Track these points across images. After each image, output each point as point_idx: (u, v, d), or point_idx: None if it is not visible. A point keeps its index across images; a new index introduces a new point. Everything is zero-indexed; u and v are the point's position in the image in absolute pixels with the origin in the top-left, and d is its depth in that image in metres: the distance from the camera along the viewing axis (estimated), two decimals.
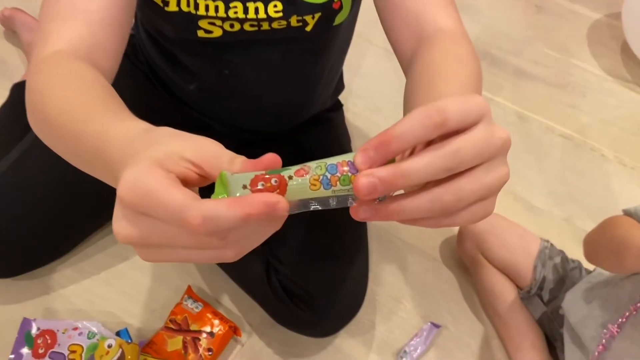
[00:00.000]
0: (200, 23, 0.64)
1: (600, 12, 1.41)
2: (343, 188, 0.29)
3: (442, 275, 0.97)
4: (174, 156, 0.29)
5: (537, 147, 1.14)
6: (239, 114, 0.83)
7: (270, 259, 0.81)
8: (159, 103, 0.86)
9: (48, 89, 0.45)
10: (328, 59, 0.77)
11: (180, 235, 0.28)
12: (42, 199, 0.82)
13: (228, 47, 0.68)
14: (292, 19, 0.63)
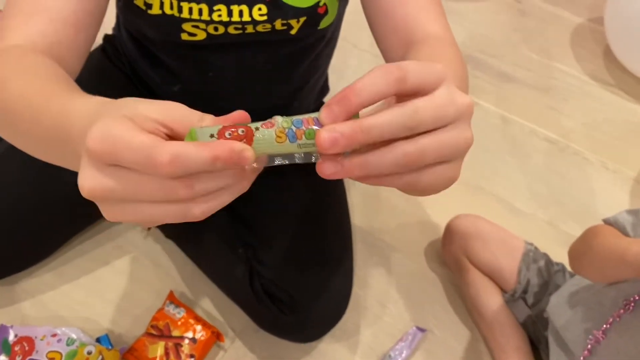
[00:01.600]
0: (183, 26, 0.63)
1: (582, 16, 1.43)
2: (308, 142, 0.30)
3: (428, 279, 0.96)
4: (142, 117, 0.29)
5: (520, 150, 1.15)
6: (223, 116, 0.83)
7: (253, 262, 0.80)
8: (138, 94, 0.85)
9: (3, 77, 0.44)
10: (313, 61, 0.76)
11: (146, 183, 0.28)
12: (18, 203, 0.80)
13: (212, 49, 0.67)
14: (276, 22, 0.62)
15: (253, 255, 0.81)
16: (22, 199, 0.80)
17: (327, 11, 0.65)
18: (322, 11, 0.64)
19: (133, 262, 0.94)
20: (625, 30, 1.22)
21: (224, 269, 0.84)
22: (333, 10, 0.65)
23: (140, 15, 0.64)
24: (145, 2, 0.62)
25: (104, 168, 0.29)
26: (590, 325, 0.70)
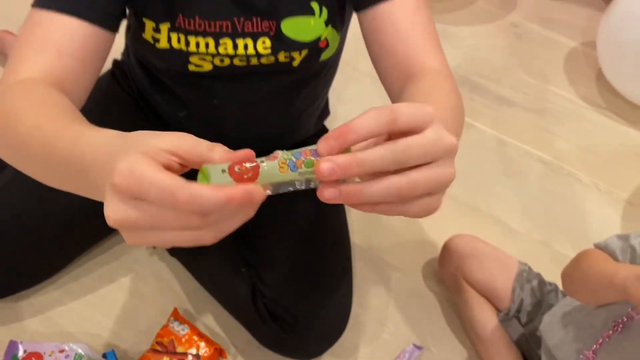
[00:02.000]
0: (191, 59, 0.66)
1: (576, 41, 1.47)
2: (307, 170, 0.34)
3: (425, 298, 0.99)
4: (156, 149, 0.33)
5: (516, 172, 1.18)
6: (227, 141, 0.85)
7: (256, 282, 0.83)
8: (148, 125, 0.88)
9: (17, 110, 0.47)
10: (313, 90, 0.80)
11: (166, 215, 0.32)
12: (28, 221, 0.83)
13: (218, 79, 0.71)
14: (279, 55, 0.66)
15: (256, 275, 0.84)
16: (31, 217, 0.83)
17: (328, 45, 0.68)
18: (324, 45, 0.68)
19: (138, 280, 0.97)
20: (617, 55, 1.25)
21: (227, 288, 0.87)
22: (334, 43, 0.69)
23: (149, 48, 0.67)
24: (153, 36, 0.65)
25: (128, 201, 0.32)
26: (582, 346, 0.73)
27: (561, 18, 1.53)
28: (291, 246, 0.85)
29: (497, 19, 1.50)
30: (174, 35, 0.65)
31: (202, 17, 0.64)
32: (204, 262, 0.91)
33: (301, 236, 0.86)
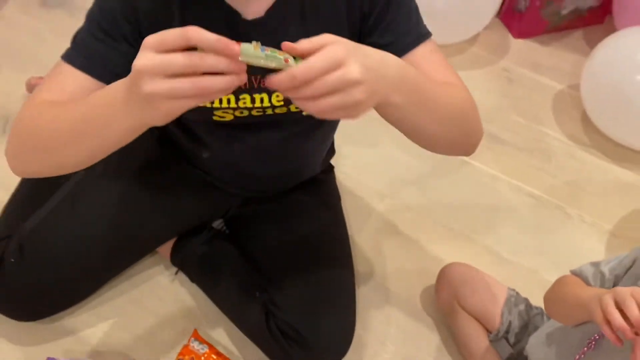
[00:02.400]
0: (215, 112, 0.78)
1: (563, 84, 1.57)
2: (270, 55, 0.51)
3: (423, 321, 1.08)
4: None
5: (508, 205, 1.28)
6: (244, 178, 0.97)
7: (268, 305, 0.93)
8: (175, 164, 0.99)
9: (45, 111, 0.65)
10: (320, 135, 0.91)
11: (178, 57, 0.48)
12: (74, 250, 0.93)
13: (238, 127, 0.82)
14: (291, 106, 0.77)
15: (268, 299, 0.94)
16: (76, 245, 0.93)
17: None
18: None
19: (162, 304, 1.07)
20: (599, 98, 1.36)
21: (243, 311, 0.96)
22: None
23: None
24: None
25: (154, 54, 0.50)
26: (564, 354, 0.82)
27: (549, 63, 1.63)
28: (298, 271, 0.95)
29: (490, 65, 1.62)
30: None
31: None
32: (222, 288, 1.01)
33: (307, 262, 0.96)
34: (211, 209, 1.04)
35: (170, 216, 1.01)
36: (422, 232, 1.21)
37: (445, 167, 1.34)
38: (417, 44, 0.72)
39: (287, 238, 0.99)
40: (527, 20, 1.64)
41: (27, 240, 0.94)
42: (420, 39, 0.73)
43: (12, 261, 0.93)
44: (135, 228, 0.98)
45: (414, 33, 0.73)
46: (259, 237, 1.01)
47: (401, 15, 0.73)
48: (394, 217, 1.24)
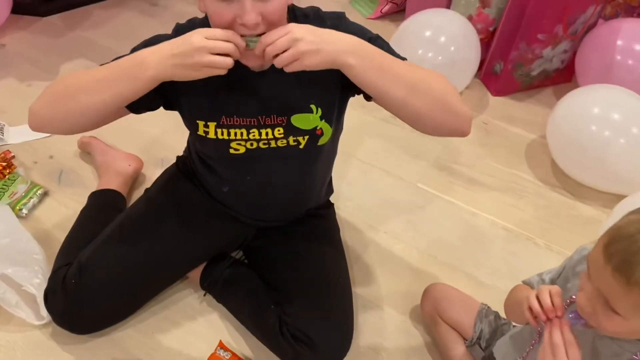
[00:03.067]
0: (231, 144, 1.01)
1: (535, 134, 1.79)
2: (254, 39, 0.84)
3: (411, 333, 1.26)
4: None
5: (484, 237, 1.48)
6: (256, 208, 1.20)
7: (281, 314, 1.13)
8: (202, 199, 1.22)
9: (76, 75, 0.94)
10: (317, 167, 1.13)
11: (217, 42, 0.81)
12: (124, 274, 1.15)
13: (249, 160, 1.04)
14: (289, 139, 1.00)
15: (281, 310, 1.14)
16: (126, 270, 1.15)
17: (323, 133, 1.02)
18: (320, 132, 1.02)
19: (192, 320, 1.27)
20: (562, 145, 1.58)
21: (260, 321, 1.16)
22: (327, 132, 1.02)
23: (202, 139, 1.02)
24: (204, 130, 1.00)
25: (204, 39, 0.82)
26: (517, 355, 1.00)
27: (522, 116, 1.85)
28: (305, 288, 1.15)
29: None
30: (219, 130, 0.99)
31: (238, 116, 0.99)
32: (243, 303, 1.22)
33: (312, 281, 1.16)
34: (232, 238, 1.26)
35: (199, 244, 1.23)
36: (411, 260, 1.42)
37: (431, 206, 1.56)
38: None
39: (295, 263, 1.20)
40: (502, 80, 1.89)
41: (84, 264, 1.16)
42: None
43: (73, 282, 1.15)
44: (170, 254, 1.20)
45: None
46: (272, 262, 1.23)
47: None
48: (386, 248, 1.44)
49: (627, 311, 0.68)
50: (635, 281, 0.65)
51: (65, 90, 0.94)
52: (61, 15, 2.26)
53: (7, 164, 1.55)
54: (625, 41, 1.71)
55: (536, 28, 1.72)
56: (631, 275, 0.65)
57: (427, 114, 0.91)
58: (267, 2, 0.83)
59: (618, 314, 0.69)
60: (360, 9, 2.39)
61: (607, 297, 0.70)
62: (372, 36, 0.97)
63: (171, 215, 1.22)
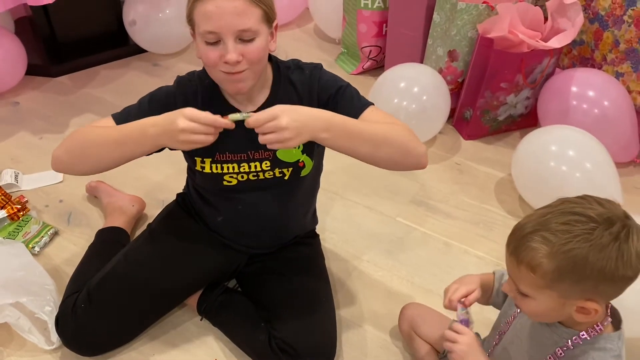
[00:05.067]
0: (224, 177, 1.17)
1: (504, 173, 1.95)
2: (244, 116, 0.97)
3: (390, 349, 1.37)
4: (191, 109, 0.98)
5: (458, 265, 1.61)
6: (248, 236, 1.34)
7: (270, 330, 1.25)
8: (199, 231, 1.36)
9: (92, 130, 1.10)
10: (300, 198, 1.28)
11: (200, 126, 0.96)
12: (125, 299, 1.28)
13: (240, 191, 1.20)
14: (275, 170, 1.16)
15: (270, 326, 1.26)
16: (134, 296, 1.28)
17: (304, 165, 1.18)
18: (302, 165, 1.18)
19: (190, 342, 1.38)
20: (525, 180, 1.74)
21: (251, 337, 1.28)
22: (309, 165, 1.19)
23: (199, 174, 1.19)
24: (201, 166, 1.17)
25: (189, 121, 0.97)
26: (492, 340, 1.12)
27: (491, 157, 2.02)
28: (292, 307, 1.27)
29: (445, 160, 2.01)
30: (214, 165, 1.16)
31: (229, 152, 1.16)
32: (236, 323, 1.34)
33: (298, 301, 1.29)
34: (226, 266, 1.40)
35: (196, 272, 1.37)
36: (391, 285, 1.55)
37: (409, 237, 1.70)
38: (364, 109, 1.12)
39: (283, 285, 1.34)
40: (472, 126, 2.08)
41: (93, 291, 1.29)
42: (364, 106, 1.13)
43: (82, 307, 1.27)
44: (171, 281, 1.33)
45: (358, 105, 1.14)
46: (262, 285, 1.36)
47: (346, 97, 1.14)
48: (368, 275, 1.58)
49: (530, 291, 0.83)
50: (521, 260, 0.81)
51: (82, 144, 1.11)
52: (70, 75, 2.47)
53: (21, 206, 1.70)
54: (579, 88, 1.91)
55: (499, 78, 1.93)
56: (519, 256, 0.81)
57: (389, 160, 1.09)
58: (248, 45, 1.01)
59: (527, 296, 0.84)
60: (344, 65, 2.61)
61: (514, 281, 0.85)
62: (343, 84, 1.16)
63: (171, 246, 1.36)
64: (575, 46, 2.16)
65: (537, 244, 0.80)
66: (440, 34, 2.04)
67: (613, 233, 0.78)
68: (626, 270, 0.80)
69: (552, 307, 0.85)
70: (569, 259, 0.78)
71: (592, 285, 0.81)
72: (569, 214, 0.80)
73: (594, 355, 0.86)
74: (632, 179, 1.95)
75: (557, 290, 0.82)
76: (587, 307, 0.83)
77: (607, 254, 0.78)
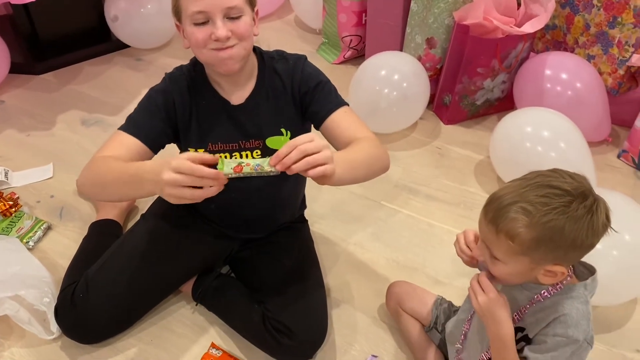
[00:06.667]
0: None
1: (482, 155, 2.02)
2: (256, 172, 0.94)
3: (379, 325, 1.44)
4: (182, 158, 0.90)
5: (440, 243, 1.68)
6: (240, 222, 1.39)
7: (264, 311, 1.31)
8: (192, 219, 1.41)
9: (104, 164, 1.09)
10: (291, 185, 1.34)
11: (191, 179, 0.86)
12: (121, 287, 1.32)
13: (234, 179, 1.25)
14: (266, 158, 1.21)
15: (264, 307, 1.32)
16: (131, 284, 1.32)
17: None
18: None
19: (186, 328, 1.43)
20: (502, 161, 1.82)
21: (246, 318, 1.33)
22: None
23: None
24: None
25: (176, 174, 0.88)
26: (460, 329, 1.19)
27: (471, 140, 2.09)
28: (285, 288, 1.33)
29: (426, 145, 2.08)
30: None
31: (222, 142, 1.21)
32: (231, 306, 1.39)
33: (290, 282, 1.34)
34: (220, 251, 1.45)
35: (191, 259, 1.42)
36: (377, 266, 1.61)
37: (394, 219, 1.77)
38: (336, 109, 1.19)
39: (275, 268, 1.39)
40: (451, 110, 2.15)
41: (91, 281, 1.33)
42: (338, 106, 1.19)
43: (81, 296, 1.32)
44: (167, 269, 1.38)
45: (334, 102, 1.20)
46: (255, 269, 1.41)
47: (324, 93, 1.20)
48: (356, 257, 1.64)
49: (503, 256, 0.90)
50: (500, 229, 0.87)
51: (97, 178, 1.12)
52: (54, 72, 2.49)
53: (13, 202, 1.73)
54: (553, 71, 1.98)
55: (475, 63, 1.99)
56: (498, 225, 0.87)
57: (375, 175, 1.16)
58: (235, 22, 1.06)
59: (499, 260, 0.91)
60: (325, 55, 2.66)
61: (489, 246, 0.92)
62: (324, 80, 1.22)
63: (166, 234, 1.41)
64: (548, 30, 2.24)
65: (516, 215, 0.86)
66: (418, 22, 2.10)
67: (587, 206, 0.85)
68: (593, 239, 0.88)
69: (521, 271, 0.92)
70: (547, 229, 0.85)
71: (563, 253, 0.89)
72: (547, 187, 0.87)
73: (563, 303, 0.94)
74: (605, 156, 2.04)
75: (531, 257, 0.89)
76: (553, 271, 0.90)
77: (580, 225, 0.85)
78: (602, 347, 1.39)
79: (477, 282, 0.99)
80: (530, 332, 0.99)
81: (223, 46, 1.07)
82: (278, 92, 1.21)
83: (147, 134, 1.16)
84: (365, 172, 1.12)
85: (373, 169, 1.14)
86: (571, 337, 0.92)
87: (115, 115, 2.23)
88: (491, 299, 0.96)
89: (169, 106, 1.17)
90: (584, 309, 0.95)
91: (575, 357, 0.94)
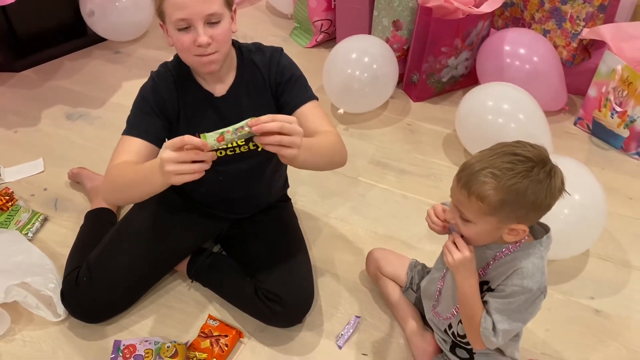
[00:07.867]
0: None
1: (449, 129, 2.14)
2: (242, 134, 1.02)
3: (361, 290, 1.58)
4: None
5: (413, 212, 1.81)
6: (229, 204, 1.51)
7: (255, 282, 1.43)
8: (184, 203, 1.52)
9: (118, 171, 1.18)
10: (274, 166, 1.45)
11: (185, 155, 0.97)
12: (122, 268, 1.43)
13: (221, 164, 1.35)
14: (250, 144, 1.31)
15: (255, 279, 1.45)
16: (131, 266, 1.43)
17: None
18: None
19: (184, 303, 1.55)
20: (468, 134, 1.95)
21: (239, 290, 1.45)
22: None
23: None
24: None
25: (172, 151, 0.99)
26: (434, 286, 1.34)
27: (438, 115, 2.22)
28: (273, 260, 1.45)
29: (397, 122, 2.20)
30: None
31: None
32: (224, 281, 1.52)
33: (278, 255, 1.46)
34: (211, 231, 1.57)
35: (185, 240, 1.53)
36: (357, 237, 1.75)
37: (370, 193, 1.90)
38: (306, 102, 1.30)
39: (263, 243, 1.51)
40: (419, 88, 2.28)
41: (93, 264, 1.44)
42: (307, 99, 1.31)
43: (85, 279, 1.43)
44: (163, 250, 1.49)
45: (304, 96, 1.31)
46: (245, 245, 1.53)
47: (297, 86, 1.31)
48: (337, 229, 1.77)
49: (473, 217, 1.03)
50: (472, 192, 1.00)
51: (115, 185, 1.22)
52: (35, 69, 2.54)
53: (9, 197, 1.81)
54: (512, 47, 2.12)
55: (439, 43, 2.12)
56: (470, 188, 1.00)
57: (327, 167, 1.30)
58: (215, 27, 1.16)
59: (469, 221, 1.04)
60: (298, 40, 2.76)
61: (460, 208, 1.05)
62: (297, 73, 1.34)
63: (160, 218, 1.51)
64: (507, 7, 2.37)
65: (486, 179, 0.98)
66: (385, 5, 2.21)
67: (546, 171, 0.98)
68: (551, 200, 1.01)
69: (488, 231, 1.05)
70: (512, 191, 0.97)
71: (525, 213, 1.01)
72: (511, 155, 0.99)
73: (521, 258, 1.08)
74: (563, 124, 2.19)
75: (497, 217, 1.02)
76: (516, 229, 1.04)
77: (541, 188, 0.96)
78: (561, 296, 1.54)
79: (452, 242, 1.11)
80: (493, 284, 1.13)
81: (205, 52, 1.17)
82: (257, 83, 1.32)
83: (149, 132, 1.26)
84: (326, 160, 1.25)
85: (334, 159, 1.28)
86: (526, 287, 1.06)
87: (98, 108, 2.30)
88: (466, 256, 1.09)
89: (160, 103, 1.27)
90: (539, 263, 1.08)
91: (529, 304, 1.09)
